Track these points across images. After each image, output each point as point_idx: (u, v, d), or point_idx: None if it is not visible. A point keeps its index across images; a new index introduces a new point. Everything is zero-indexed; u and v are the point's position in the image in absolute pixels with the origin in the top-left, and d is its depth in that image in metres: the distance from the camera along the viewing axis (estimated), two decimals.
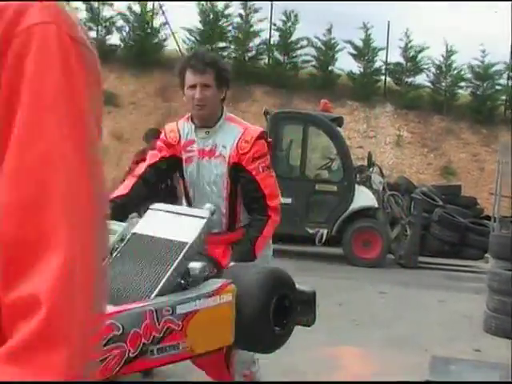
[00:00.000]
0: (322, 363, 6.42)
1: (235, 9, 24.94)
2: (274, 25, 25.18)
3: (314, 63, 25.01)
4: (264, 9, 24.95)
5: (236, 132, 4.25)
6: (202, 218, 3.54)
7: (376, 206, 13.73)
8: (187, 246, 3.32)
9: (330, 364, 6.50)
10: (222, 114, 4.34)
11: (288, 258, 14.13)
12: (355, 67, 24.95)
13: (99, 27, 24.74)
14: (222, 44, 25.03)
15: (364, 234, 13.63)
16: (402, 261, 13.95)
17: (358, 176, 13.93)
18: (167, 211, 3.66)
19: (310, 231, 13.48)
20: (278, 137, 14.31)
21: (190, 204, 4.36)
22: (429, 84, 25.20)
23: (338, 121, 14.49)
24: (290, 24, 24.96)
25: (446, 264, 14.36)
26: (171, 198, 5.87)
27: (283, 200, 15.59)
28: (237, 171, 4.22)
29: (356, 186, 13.69)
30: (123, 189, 4.22)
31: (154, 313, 2.99)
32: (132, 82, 24.92)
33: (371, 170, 14.35)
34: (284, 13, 24.86)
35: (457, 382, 5.78)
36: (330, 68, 24.88)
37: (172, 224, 3.51)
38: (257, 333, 3.45)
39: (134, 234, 3.50)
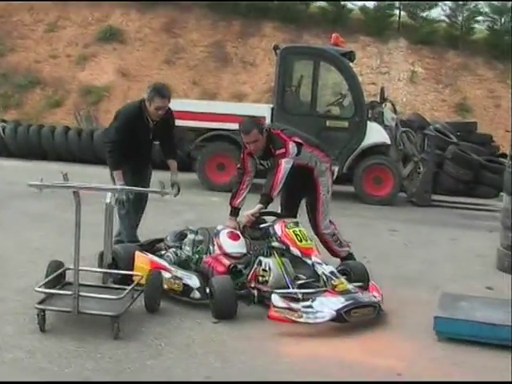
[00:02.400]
0: None
1: None
2: None
3: None
4: None
5: None
6: None
7: (388, 142, 13.60)
8: None
9: None
10: None
11: None
12: (368, 1, 24.58)
13: None
14: None
15: (375, 171, 13.53)
16: (414, 199, 13.87)
17: (369, 112, 13.74)
18: None
19: None
20: (287, 72, 14.16)
21: None
22: (444, 18, 24.82)
23: (350, 55, 14.26)
24: None
25: (460, 202, 14.27)
26: None
27: None
28: None
29: (368, 122, 13.53)
30: None
31: None
32: (137, 18, 24.64)
33: (384, 105, 14.16)
34: None
35: (465, 319, 5.78)
36: (342, 2, 24.50)
37: None
38: None
39: None
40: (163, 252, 6.86)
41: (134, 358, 4.95)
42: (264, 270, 6.23)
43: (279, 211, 7.24)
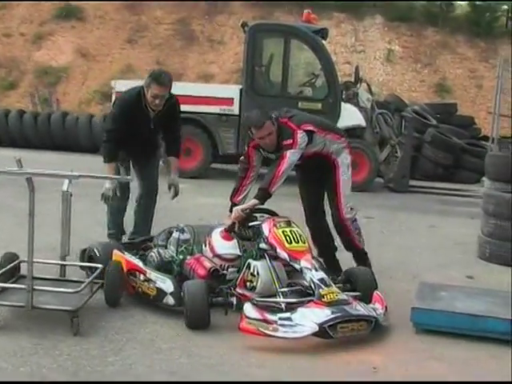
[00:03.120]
0: None
1: None
2: None
3: None
4: None
5: None
6: None
7: (363, 125, 13.66)
8: None
9: None
10: None
11: None
12: None
13: None
14: None
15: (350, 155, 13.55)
16: (391, 184, 13.95)
17: (343, 93, 13.81)
18: None
19: None
20: (257, 51, 14.15)
21: None
22: None
23: (323, 33, 14.27)
24: None
25: (439, 188, 14.37)
26: None
27: None
28: None
29: (342, 103, 13.58)
30: None
31: None
32: None
33: (358, 86, 14.21)
34: None
35: (444, 310, 5.82)
36: None
37: None
38: None
39: None
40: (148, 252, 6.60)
41: (94, 355, 4.93)
42: (252, 275, 5.92)
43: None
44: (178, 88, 15.22)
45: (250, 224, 6.21)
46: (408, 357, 5.26)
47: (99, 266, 6.10)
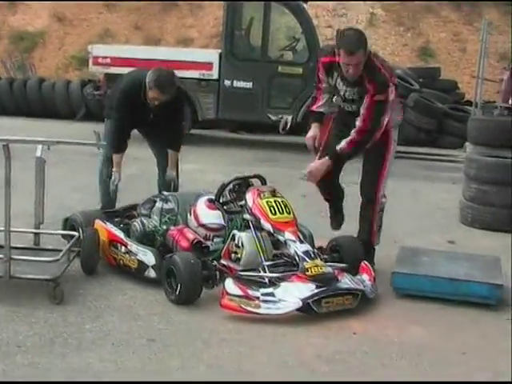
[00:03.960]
0: None
1: None
2: None
3: None
4: None
5: None
6: None
7: None
8: None
9: None
10: None
11: (248, 147, 14.15)
12: None
13: None
14: None
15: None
16: None
17: None
18: None
19: (273, 118, 13.42)
20: (236, 15, 14.10)
21: None
22: None
23: None
24: None
25: (422, 153, 14.41)
26: None
27: (243, 84, 15.58)
28: None
29: None
30: None
31: None
32: None
33: None
34: None
35: (425, 274, 5.87)
36: None
37: None
38: None
39: None
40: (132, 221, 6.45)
41: (72, 322, 4.96)
42: (237, 246, 5.76)
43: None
44: (156, 53, 15.17)
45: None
46: (388, 322, 5.31)
47: (75, 233, 6.10)
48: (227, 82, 13.79)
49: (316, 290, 5.25)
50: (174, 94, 6.86)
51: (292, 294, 5.21)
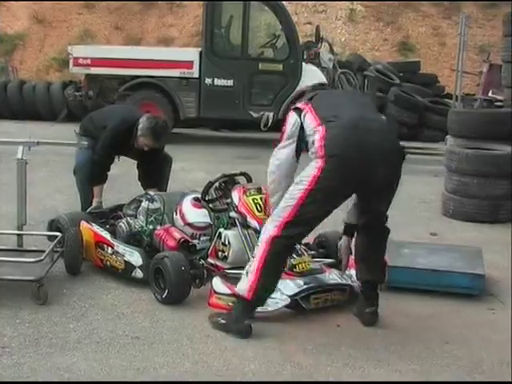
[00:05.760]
0: None
1: None
2: None
3: None
4: None
5: None
6: None
7: (325, 82, 13.65)
8: None
9: None
10: None
11: (229, 145, 14.16)
12: None
13: None
14: None
15: None
16: None
17: (305, 53, 13.80)
18: None
19: (254, 115, 13.37)
20: (216, 13, 14.10)
21: None
22: None
23: None
24: None
25: (403, 147, 14.41)
26: None
27: (223, 82, 15.56)
28: None
29: (303, 64, 13.58)
30: None
31: None
32: None
33: (320, 45, 14.22)
34: None
35: (407, 266, 5.91)
36: None
37: None
38: None
39: None
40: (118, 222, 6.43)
41: (56, 322, 4.96)
42: (224, 244, 5.75)
43: None
44: (136, 52, 15.16)
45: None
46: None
47: (58, 234, 6.09)
48: (208, 81, 13.79)
49: (304, 287, 5.24)
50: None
51: (280, 291, 5.16)
